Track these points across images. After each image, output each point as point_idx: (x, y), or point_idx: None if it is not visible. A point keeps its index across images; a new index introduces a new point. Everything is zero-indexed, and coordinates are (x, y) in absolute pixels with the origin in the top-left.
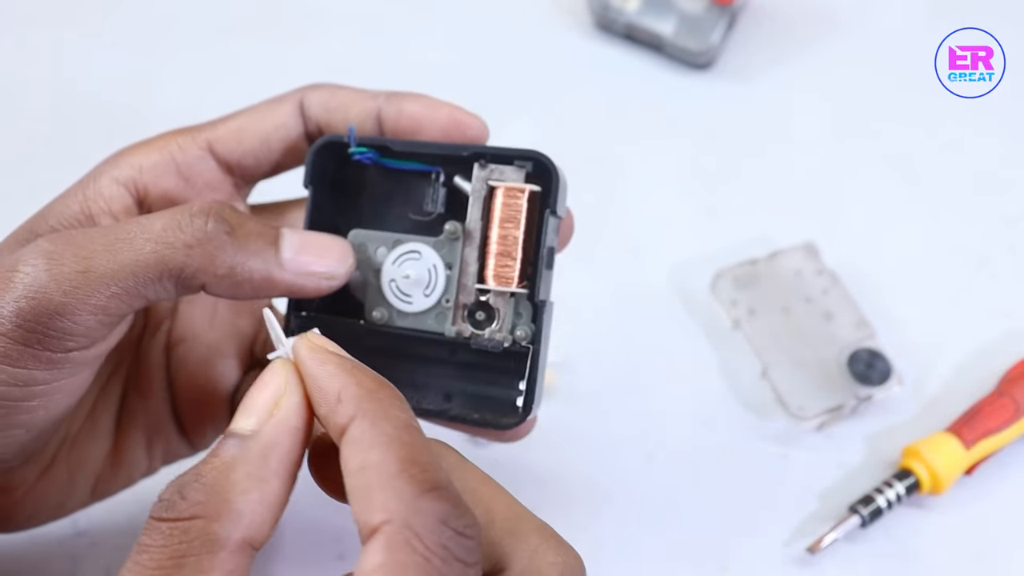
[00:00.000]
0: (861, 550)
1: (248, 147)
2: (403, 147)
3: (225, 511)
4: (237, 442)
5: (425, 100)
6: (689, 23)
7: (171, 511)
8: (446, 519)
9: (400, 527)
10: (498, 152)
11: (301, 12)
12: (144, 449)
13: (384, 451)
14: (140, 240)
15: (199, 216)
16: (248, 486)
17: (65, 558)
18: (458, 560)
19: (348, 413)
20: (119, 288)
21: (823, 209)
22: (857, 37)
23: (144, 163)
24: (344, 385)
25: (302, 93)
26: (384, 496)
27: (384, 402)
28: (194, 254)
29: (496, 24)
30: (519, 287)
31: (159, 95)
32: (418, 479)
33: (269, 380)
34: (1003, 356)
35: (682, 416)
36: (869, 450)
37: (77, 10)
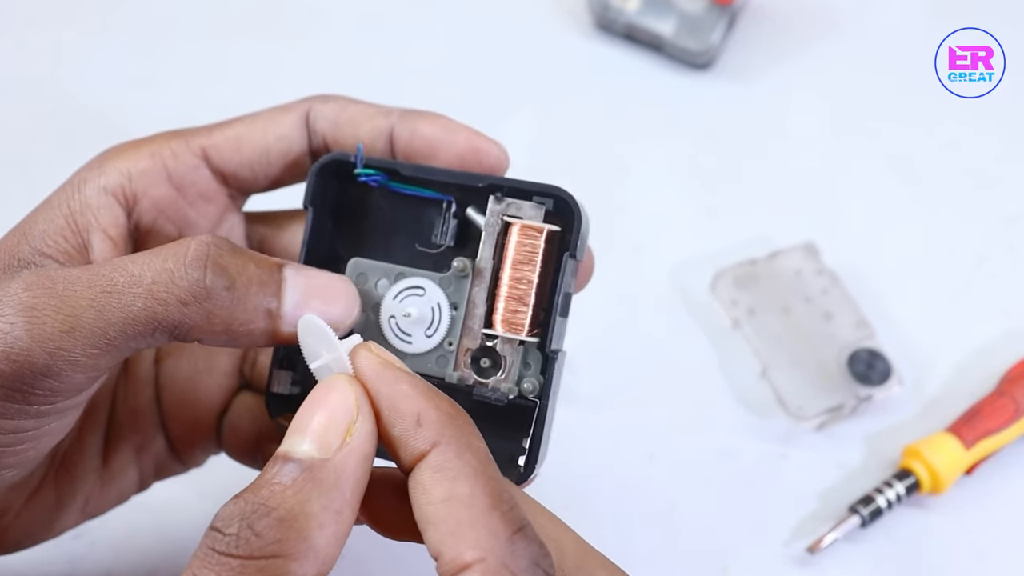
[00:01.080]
0: (861, 550)
1: (246, 158)
2: (414, 172)
3: (304, 550)
4: (304, 470)
5: (442, 122)
6: (689, 23)
7: (244, 548)
8: (538, 560)
9: (497, 566)
10: (516, 185)
11: (301, 12)
12: (134, 466)
13: (473, 484)
14: (129, 294)
15: (195, 267)
16: (325, 520)
17: (64, 559)
18: None
19: (430, 439)
20: (107, 346)
21: (823, 209)
22: (857, 37)
23: (133, 170)
24: (424, 409)
25: (309, 104)
26: (477, 534)
27: (465, 430)
28: (190, 312)
29: (496, 24)
30: (529, 335)
31: (159, 95)
32: (509, 517)
33: (332, 400)
34: (1003, 356)
35: (682, 416)
36: (869, 450)
37: (77, 9)
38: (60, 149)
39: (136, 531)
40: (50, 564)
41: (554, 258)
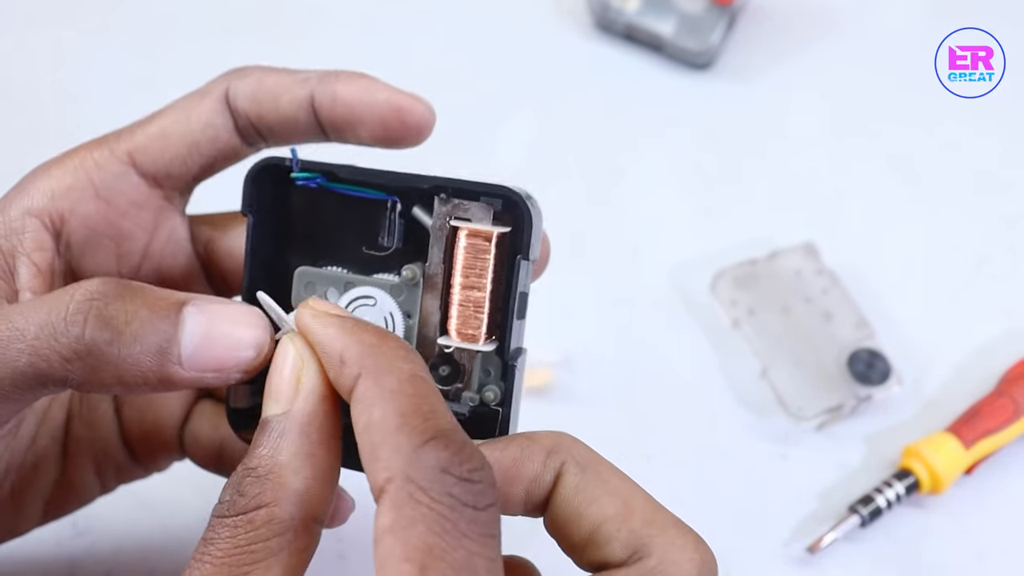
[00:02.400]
0: (861, 550)
1: (175, 154)
2: (351, 174)
3: (284, 494)
4: (274, 428)
5: (362, 82)
6: (689, 23)
7: (233, 508)
8: (447, 467)
9: (402, 481)
10: (462, 186)
11: (301, 12)
12: (94, 475)
13: (385, 406)
14: (13, 350)
15: (75, 321)
16: (299, 465)
17: (64, 559)
18: (467, 505)
19: (352, 373)
20: (2, 395)
21: (823, 209)
22: (857, 37)
23: (57, 188)
24: (346, 345)
25: (227, 82)
26: (386, 453)
27: (386, 355)
28: (74, 368)
29: (496, 24)
30: (486, 342)
31: (158, 95)
32: (418, 430)
33: (282, 359)
34: (1003, 356)
35: (682, 416)
36: (869, 450)
37: (76, 10)
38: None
39: (136, 530)
40: (50, 564)
41: (507, 258)
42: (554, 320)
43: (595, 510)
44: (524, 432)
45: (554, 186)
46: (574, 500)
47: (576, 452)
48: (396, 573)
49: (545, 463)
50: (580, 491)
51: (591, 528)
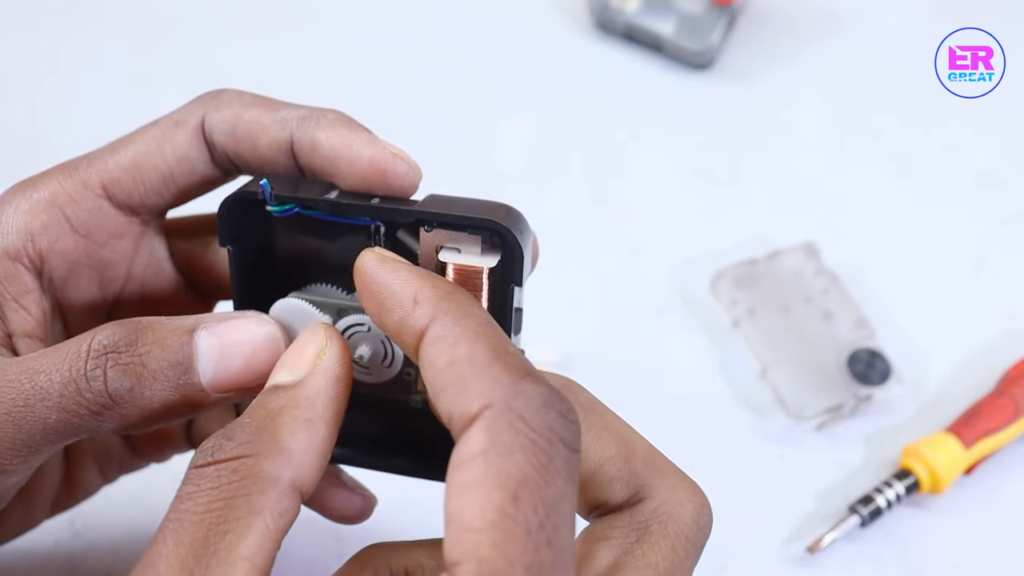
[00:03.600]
0: (861, 550)
1: (150, 185)
2: (329, 208)
3: (275, 450)
4: (280, 391)
5: (342, 132)
6: (689, 23)
7: (219, 453)
8: (549, 402)
9: (503, 410)
10: (447, 220)
11: (300, 12)
12: (97, 473)
13: (473, 344)
14: (42, 407)
15: (95, 376)
16: (296, 428)
17: (63, 559)
18: (563, 443)
19: (427, 314)
20: (29, 450)
21: (823, 209)
22: (857, 37)
23: (32, 227)
24: (420, 288)
25: (202, 111)
26: (481, 384)
27: (463, 302)
28: (104, 419)
29: (496, 24)
30: None
31: (158, 95)
32: (514, 365)
33: (308, 338)
34: (1003, 356)
35: (681, 416)
36: (869, 450)
37: (76, 10)
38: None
39: (136, 530)
40: (50, 563)
41: (500, 282)
42: (554, 320)
43: (596, 450)
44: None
45: (554, 186)
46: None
47: (580, 396)
48: (486, 498)
49: None
50: (583, 432)
51: (592, 468)
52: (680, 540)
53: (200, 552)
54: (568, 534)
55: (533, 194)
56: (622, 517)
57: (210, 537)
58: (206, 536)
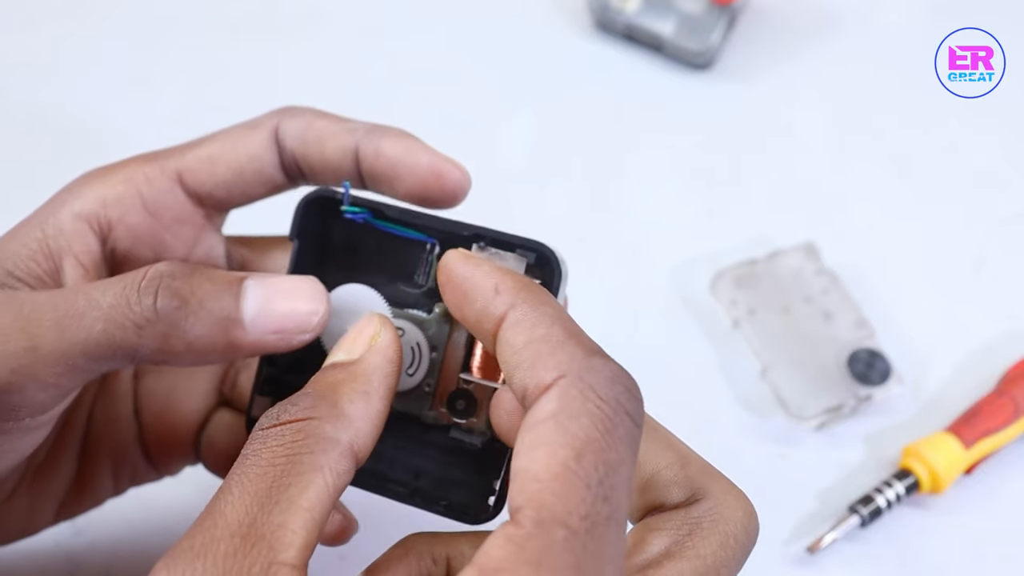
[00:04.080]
0: (861, 550)
1: (220, 178)
2: (399, 214)
3: (336, 414)
4: (340, 367)
5: (406, 142)
6: (689, 23)
7: (283, 416)
8: (618, 376)
9: (575, 379)
10: (500, 237)
11: (300, 13)
12: (110, 476)
13: (550, 326)
14: (90, 317)
15: (147, 292)
16: (355, 398)
17: (63, 559)
18: (627, 414)
19: (507, 302)
20: (68, 366)
21: (823, 209)
22: (857, 37)
23: (108, 196)
24: (500, 279)
25: (278, 118)
26: (556, 358)
27: (539, 292)
28: (146, 335)
29: (496, 24)
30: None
31: (158, 95)
32: (586, 344)
33: (364, 324)
34: (1003, 356)
35: (681, 416)
36: (869, 450)
37: (76, 10)
38: (60, 148)
39: (136, 530)
40: (50, 563)
41: None
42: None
43: (653, 457)
44: None
45: (554, 186)
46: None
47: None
48: (552, 454)
49: None
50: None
51: (650, 472)
52: (729, 539)
53: (264, 500)
54: (623, 497)
55: (533, 194)
56: (678, 513)
57: (274, 487)
58: (270, 487)
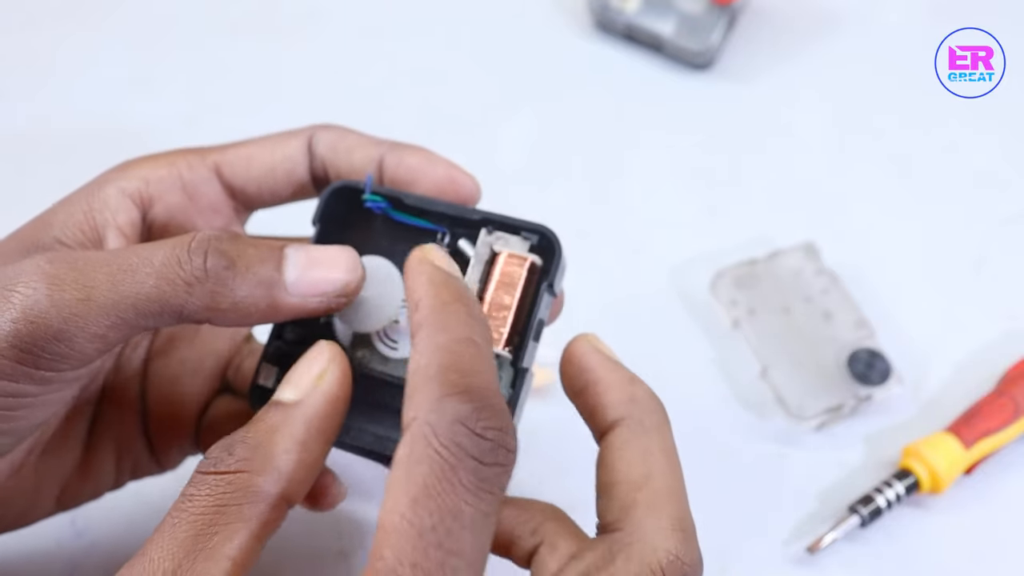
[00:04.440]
0: (861, 550)
1: (254, 174)
2: (415, 202)
3: (268, 468)
4: (281, 410)
5: (425, 154)
6: (689, 23)
7: (218, 465)
8: (463, 419)
9: (421, 424)
10: (507, 221)
11: (300, 13)
12: (113, 462)
13: (430, 357)
14: (142, 273)
15: (197, 252)
16: (290, 447)
17: (63, 559)
18: (471, 457)
19: (419, 322)
20: (119, 319)
21: (823, 209)
22: (857, 37)
23: (151, 176)
24: (423, 295)
25: (312, 131)
26: (416, 397)
27: (450, 316)
28: (195, 292)
29: (496, 24)
30: (504, 350)
31: (157, 95)
32: (450, 382)
33: (315, 356)
34: (1003, 356)
35: (681, 416)
36: (869, 450)
37: (76, 10)
38: (60, 149)
39: (136, 530)
40: (49, 563)
41: (532, 289)
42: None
43: (622, 469)
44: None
45: (554, 185)
46: (614, 451)
47: (648, 418)
48: (392, 500)
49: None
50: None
51: (610, 482)
52: (649, 571)
53: (190, 548)
54: (466, 537)
55: (533, 194)
56: (603, 540)
57: (200, 536)
58: (197, 535)
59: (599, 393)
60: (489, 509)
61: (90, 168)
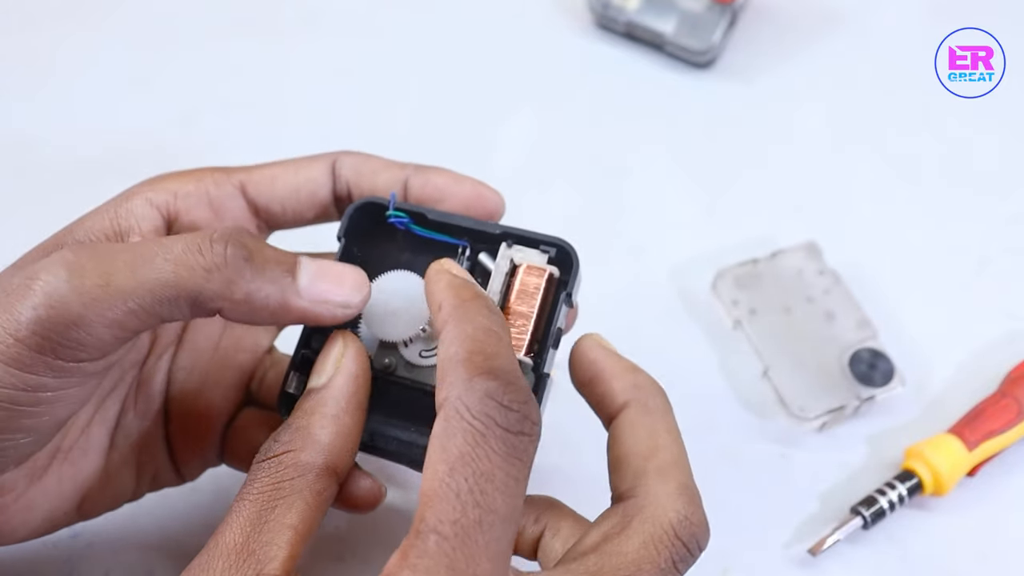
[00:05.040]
0: (863, 552)
1: (278, 194)
2: (438, 217)
3: (310, 443)
4: (313, 394)
5: (450, 174)
6: (690, 22)
7: (268, 452)
8: (492, 394)
9: (454, 400)
10: (526, 235)
11: (300, 13)
12: (133, 470)
13: (458, 346)
14: (160, 260)
15: (219, 241)
16: (325, 423)
17: (61, 560)
18: (500, 427)
19: (444, 319)
20: (136, 305)
21: (825, 208)
22: (858, 36)
23: (179, 190)
24: (445, 298)
25: (336, 155)
26: (446, 381)
27: (471, 310)
28: (212, 279)
29: (496, 23)
30: (526, 356)
31: (158, 96)
32: (477, 364)
33: (332, 345)
34: (1006, 357)
35: (682, 416)
36: (871, 451)
37: (76, 11)
38: (60, 149)
39: (135, 531)
40: (48, 564)
41: (551, 300)
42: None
43: (629, 441)
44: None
45: (554, 185)
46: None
47: (652, 400)
48: (432, 470)
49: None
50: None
51: (621, 455)
52: (653, 540)
53: (256, 521)
54: (499, 497)
55: (533, 194)
56: (618, 508)
57: (263, 511)
58: (260, 511)
59: (606, 381)
60: (519, 475)
61: (90, 168)
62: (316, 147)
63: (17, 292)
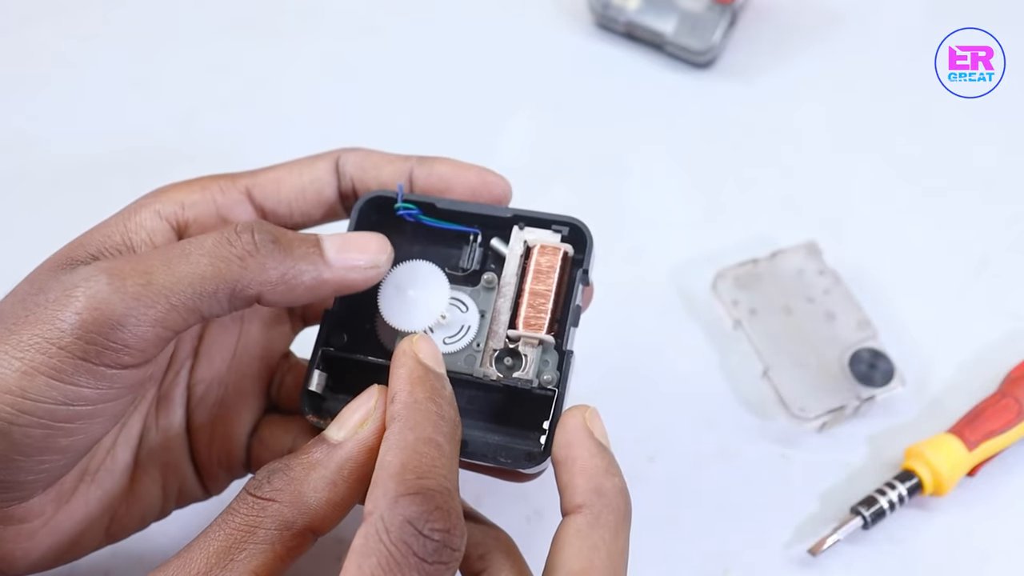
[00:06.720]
0: (863, 551)
1: (284, 196)
2: (447, 205)
3: (298, 502)
4: (324, 448)
5: (454, 163)
6: (690, 22)
7: (258, 490)
8: (413, 520)
9: (376, 519)
10: (537, 216)
11: (299, 14)
12: (160, 488)
13: (395, 455)
14: (195, 255)
15: (244, 231)
16: (320, 487)
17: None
18: (416, 555)
19: (391, 415)
20: (178, 300)
21: (825, 208)
22: (858, 36)
23: (186, 200)
24: (399, 390)
25: (339, 153)
26: (376, 492)
27: (420, 414)
28: (248, 265)
29: (496, 23)
30: (548, 335)
31: (156, 96)
32: (407, 482)
33: (363, 401)
34: (1006, 357)
35: (683, 417)
36: (871, 451)
37: (75, 11)
38: (59, 149)
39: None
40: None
41: (567, 278)
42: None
43: (567, 558)
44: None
45: (554, 185)
46: (566, 537)
47: (606, 513)
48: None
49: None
50: (577, 534)
51: (552, 565)
52: None
53: (222, 557)
54: None
55: (533, 194)
56: None
57: (232, 549)
58: (229, 547)
59: (573, 474)
60: None
61: (90, 167)
62: (316, 147)
63: (58, 301)
